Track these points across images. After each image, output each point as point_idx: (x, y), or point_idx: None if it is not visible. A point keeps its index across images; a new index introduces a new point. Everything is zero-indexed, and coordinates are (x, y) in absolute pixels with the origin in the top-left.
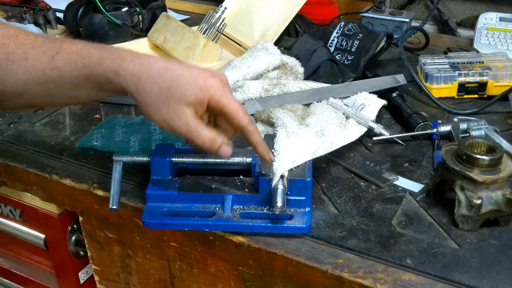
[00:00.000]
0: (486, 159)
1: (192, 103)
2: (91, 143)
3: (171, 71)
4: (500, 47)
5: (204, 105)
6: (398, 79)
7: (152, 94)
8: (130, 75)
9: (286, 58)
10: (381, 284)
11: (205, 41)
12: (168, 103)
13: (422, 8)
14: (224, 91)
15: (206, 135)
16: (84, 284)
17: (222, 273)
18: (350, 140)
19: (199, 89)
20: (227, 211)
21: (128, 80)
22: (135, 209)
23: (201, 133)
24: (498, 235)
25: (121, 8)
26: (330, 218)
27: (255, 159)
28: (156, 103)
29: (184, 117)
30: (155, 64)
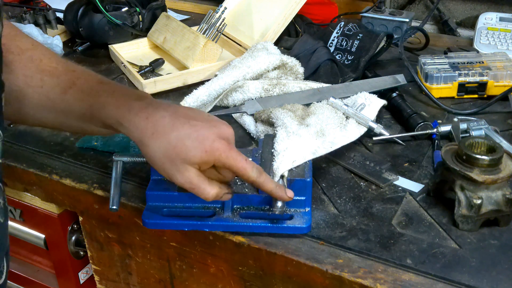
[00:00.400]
0: (486, 159)
1: (197, 163)
2: (91, 143)
3: (177, 131)
4: (500, 47)
5: (209, 164)
6: (398, 79)
7: (156, 150)
8: (134, 129)
9: (286, 58)
10: (381, 284)
11: (205, 41)
12: (172, 161)
13: (422, 8)
14: (230, 153)
15: (209, 191)
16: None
17: (222, 273)
18: (350, 140)
19: (204, 152)
20: (227, 211)
21: (133, 132)
22: (135, 209)
23: (205, 190)
24: (498, 235)
25: (121, 8)
26: (330, 218)
27: (255, 159)
28: (161, 159)
29: (187, 174)
30: (162, 120)
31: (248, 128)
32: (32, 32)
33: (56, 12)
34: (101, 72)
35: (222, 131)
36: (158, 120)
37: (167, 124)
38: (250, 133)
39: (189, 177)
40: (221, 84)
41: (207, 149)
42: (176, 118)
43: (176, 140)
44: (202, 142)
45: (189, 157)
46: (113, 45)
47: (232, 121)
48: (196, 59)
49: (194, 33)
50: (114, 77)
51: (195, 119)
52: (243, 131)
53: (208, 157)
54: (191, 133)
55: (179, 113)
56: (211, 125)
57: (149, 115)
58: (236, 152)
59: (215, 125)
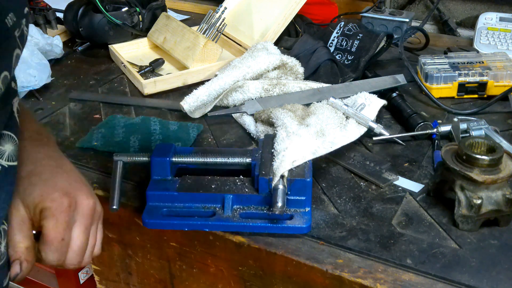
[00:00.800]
0: (486, 159)
1: (27, 206)
2: (91, 143)
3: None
4: (500, 47)
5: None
6: (398, 79)
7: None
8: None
9: (286, 58)
10: (381, 284)
11: (205, 41)
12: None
13: (422, 8)
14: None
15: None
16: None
17: (222, 273)
18: (350, 140)
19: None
20: (227, 211)
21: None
22: (135, 209)
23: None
24: (498, 235)
25: (121, 8)
26: (330, 218)
27: (255, 159)
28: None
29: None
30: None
31: (248, 128)
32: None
33: (56, 12)
34: (101, 72)
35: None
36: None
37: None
38: (250, 133)
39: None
40: (221, 84)
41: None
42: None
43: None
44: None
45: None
46: (113, 45)
47: (232, 121)
48: (196, 59)
49: (194, 33)
50: (114, 77)
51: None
52: (243, 131)
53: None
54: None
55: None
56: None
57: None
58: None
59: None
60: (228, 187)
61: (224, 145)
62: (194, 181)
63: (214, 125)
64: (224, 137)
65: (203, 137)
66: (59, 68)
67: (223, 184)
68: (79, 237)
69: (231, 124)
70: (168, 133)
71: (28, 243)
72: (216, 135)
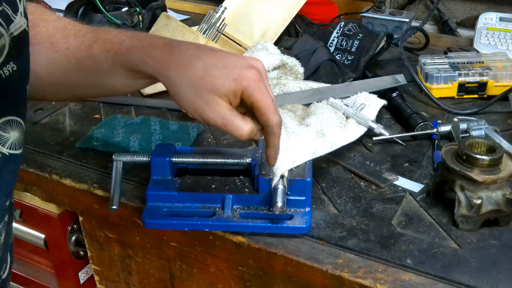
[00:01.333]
0: (486, 159)
1: (226, 94)
2: (91, 143)
3: (202, 60)
4: (500, 47)
5: (238, 96)
6: (398, 79)
7: (183, 85)
8: (159, 64)
9: (286, 58)
10: (381, 284)
11: (205, 41)
12: (201, 94)
13: (422, 8)
14: (258, 85)
15: (243, 127)
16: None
17: (222, 273)
18: (350, 140)
19: (232, 80)
20: (227, 211)
21: (158, 69)
22: (135, 209)
23: (239, 126)
24: (498, 235)
25: (121, 8)
26: (330, 218)
27: (255, 159)
28: (188, 94)
29: (218, 109)
30: (186, 51)
31: None
32: None
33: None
34: None
35: (251, 61)
36: (183, 53)
37: (192, 55)
38: None
39: (220, 112)
40: None
41: (235, 77)
42: (202, 49)
43: (202, 70)
44: (230, 70)
45: (217, 86)
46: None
47: None
48: None
49: (194, 33)
50: None
51: (221, 51)
52: None
53: (237, 86)
54: (217, 62)
55: (204, 46)
56: (239, 56)
57: (173, 49)
58: (266, 87)
59: (244, 56)
60: (228, 187)
61: (224, 145)
62: (194, 181)
63: None
64: (224, 137)
65: (203, 137)
66: None
67: (223, 184)
68: (272, 95)
69: None
70: (168, 133)
71: (251, 121)
72: (216, 135)
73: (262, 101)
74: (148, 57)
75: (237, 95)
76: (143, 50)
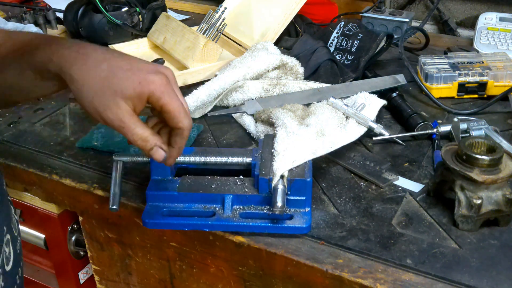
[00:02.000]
0: (486, 159)
1: (129, 98)
2: (91, 143)
3: (108, 62)
4: (500, 47)
5: (143, 101)
6: (398, 79)
7: (86, 84)
8: (64, 62)
9: (286, 58)
10: (381, 284)
11: (205, 41)
12: (103, 95)
13: (422, 8)
14: (166, 89)
15: (139, 132)
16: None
17: (222, 273)
18: (350, 140)
19: (138, 83)
20: (227, 211)
21: (63, 66)
22: (135, 209)
23: (134, 130)
24: (498, 235)
25: (121, 8)
26: (330, 218)
27: (255, 159)
28: (90, 94)
29: (118, 111)
30: (93, 52)
31: (248, 128)
32: (32, 32)
33: (56, 12)
34: None
35: (159, 67)
36: (89, 53)
37: (98, 56)
38: (250, 133)
39: (119, 114)
40: (221, 84)
41: (141, 80)
42: (109, 52)
43: (107, 71)
44: (136, 73)
45: (121, 88)
46: (113, 45)
47: (232, 121)
48: (196, 59)
49: (194, 33)
50: None
51: (129, 55)
52: (243, 131)
53: (142, 90)
54: (124, 65)
55: (112, 49)
56: (147, 62)
57: (80, 49)
58: (175, 91)
59: (152, 63)
60: (228, 187)
61: (224, 145)
62: (194, 181)
63: (214, 125)
64: (224, 137)
65: (203, 137)
66: None
67: (223, 184)
68: (182, 100)
69: (231, 124)
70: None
71: (149, 130)
72: (216, 135)
73: (171, 104)
74: (53, 54)
75: (142, 99)
76: (49, 48)
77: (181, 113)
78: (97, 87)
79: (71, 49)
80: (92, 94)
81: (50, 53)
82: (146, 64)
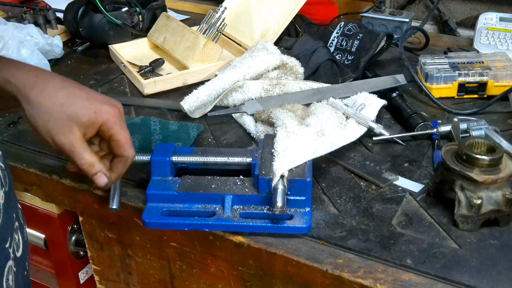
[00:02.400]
0: (486, 159)
1: (83, 125)
2: None
3: (66, 90)
4: (500, 47)
5: (95, 128)
6: (398, 79)
7: (43, 107)
8: (23, 85)
9: (286, 58)
10: (381, 284)
11: (205, 41)
12: (58, 119)
13: (422, 8)
14: (119, 119)
15: (87, 158)
16: (84, 284)
17: (222, 273)
18: (350, 140)
19: (93, 112)
20: (227, 211)
21: (20, 89)
22: (135, 209)
23: (83, 155)
24: (498, 235)
25: (121, 8)
26: (330, 218)
27: (255, 159)
28: (46, 116)
29: (71, 136)
30: (51, 79)
31: (248, 128)
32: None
33: (56, 12)
34: (101, 72)
35: (112, 100)
36: (48, 79)
37: (57, 83)
38: (250, 133)
39: (71, 139)
40: (221, 84)
41: (96, 110)
42: (67, 81)
43: (65, 98)
44: (93, 103)
45: (77, 115)
46: (113, 45)
47: (232, 121)
48: (196, 59)
49: (194, 33)
50: (114, 77)
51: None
52: (243, 131)
53: (97, 118)
54: (81, 94)
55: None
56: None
57: (39, 74)
58: (125, 124)
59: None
60: (228, 187)
61: (224, 145)
62: (194, 181)
63: (214, 125)
64: (224, 137)
65: (203, 137)
66: (59, 68)
67: (223, 184)
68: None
69: (231, 124)
70: (168, 133)
71: (95, 156)
72: (216, 135)
73: (121, 134)
74: (12, 77)
75: (95, 127)
76: (8, 70)
77: (128, 144)
78: (54, 111)
79: (30, 74)
80: (48, 117)
81: (8, 75)
82: (101, 96)
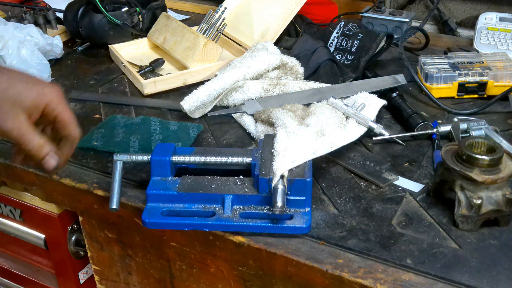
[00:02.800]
0: (486, 159)
1: (28, 108)
2: (91, 143)
3: (7, 75)
4: (500, 47)
5: (40, 110)
6: (398, 79)
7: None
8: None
9: (286, 58)
10: (381, 284)
11: (205, 41)
12: (2, 105)
13: (422, 8)
14: (61, 100)
15: (36, 140)
16: (84, 284)
17: (222, 273)
18: (350, 140)
19: (36, 94)
20: (227, 211)
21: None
22: (135, 209)
23: (32, 138)
24: (498, 235)
25: (121, 8)
26: (330, 218)
27: (255, 159)
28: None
29: (17, 121)
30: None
31: (248, 128)
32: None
33: (56, 12)
34: (101, 72)
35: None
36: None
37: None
38: (250, 133)
39: (17, 123)
40: (221, 84)
41: (39, 92)
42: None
43: (6, 83)
44: (34, 85)
45: (20, 99)
46: (113, 45)
47: (232, 121)
48: (196, 59)
49: (194, 33)
50: (114, 77)
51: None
52: (243, 131)
53: (40, 100)
54: (22, 77)
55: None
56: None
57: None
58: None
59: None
60: (228, 187)
61: (224, 145)
62: (194, 181)
63: (214, 125)
64: (224, 137)
65: (203, 137)
66: (59, 68)
67: (223, 184)
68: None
69: (231, 124)
70: (168, 133)
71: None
72: (216, 135)
73: (66, 114)
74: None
75: (39, 109)
76: None
77: (73, 122)
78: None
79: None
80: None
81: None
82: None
